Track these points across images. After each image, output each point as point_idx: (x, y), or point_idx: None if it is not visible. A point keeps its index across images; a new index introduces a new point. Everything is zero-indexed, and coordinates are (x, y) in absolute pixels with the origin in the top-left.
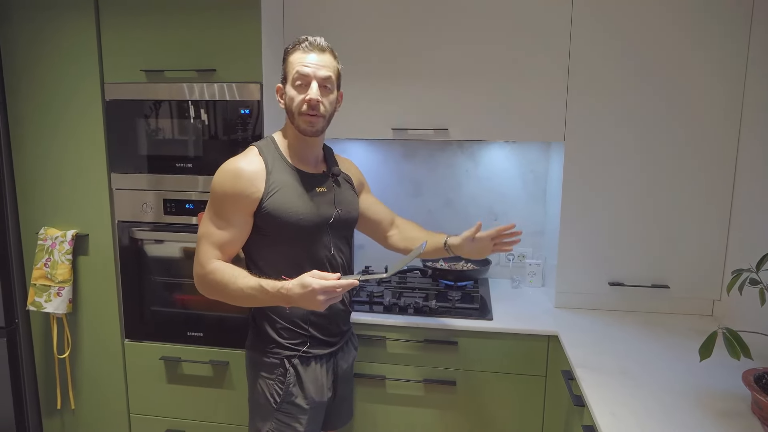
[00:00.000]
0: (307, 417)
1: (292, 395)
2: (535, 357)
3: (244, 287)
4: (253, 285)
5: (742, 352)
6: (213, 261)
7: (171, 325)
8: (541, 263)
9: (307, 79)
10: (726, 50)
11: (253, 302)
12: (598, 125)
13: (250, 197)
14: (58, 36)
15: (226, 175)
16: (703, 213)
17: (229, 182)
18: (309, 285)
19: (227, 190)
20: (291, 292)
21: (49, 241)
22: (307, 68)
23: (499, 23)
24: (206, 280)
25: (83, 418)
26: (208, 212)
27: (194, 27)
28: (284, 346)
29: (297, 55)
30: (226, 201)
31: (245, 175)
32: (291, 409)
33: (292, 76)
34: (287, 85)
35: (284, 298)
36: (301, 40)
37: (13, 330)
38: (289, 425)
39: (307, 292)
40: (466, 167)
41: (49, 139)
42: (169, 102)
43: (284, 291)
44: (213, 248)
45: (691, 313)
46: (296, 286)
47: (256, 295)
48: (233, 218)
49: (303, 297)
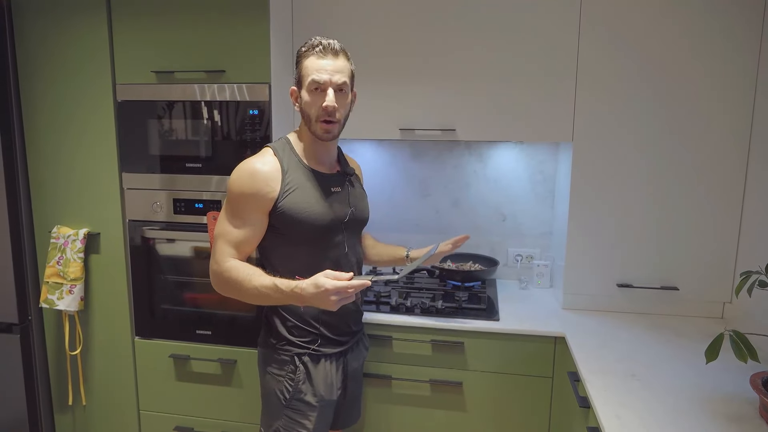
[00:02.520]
0: (317, 414)
1: (301, 392)
2: (542, 358)
3: (258, 286)
4: (267, 284)
5: (749, 354)
6: (229, 259)
7: (180, 324)
8: (549, 264)
9: (324, 86)
10: (737, 48)
11: (267, 301)
12: (607, 126)
13: (266, 197)
14: (71, 38)
15: (242, 175)
16: (713, 214)
17: (245, 182)
18: (322, 285)
19: (244, 189)
20: (304, 292)
21: (62, 239)
22: (323, 75)
23: (508, 24)
24: (222, 278)
25: (94, 414)
26: (224, 212)
27: (203, 28)
28: (295, 343)
29: (312, 60)
30: (242, 200)
31: (261, 175)
32: (300, 406)
33: (308, 82)
34: (302, 89)
35: (298, 298)
36: (315, 44)
37: (26, 327)
38: (299, 422)
39: (320, 292)
40: (474, 168)
41: (62, 139)
42: (179, 103)
43: (298, 290)
44: (229, 247)
45: (701, 316)
46: (310, 285)
47: (271, 293)
48: (249, 217)
49: (316, 297)
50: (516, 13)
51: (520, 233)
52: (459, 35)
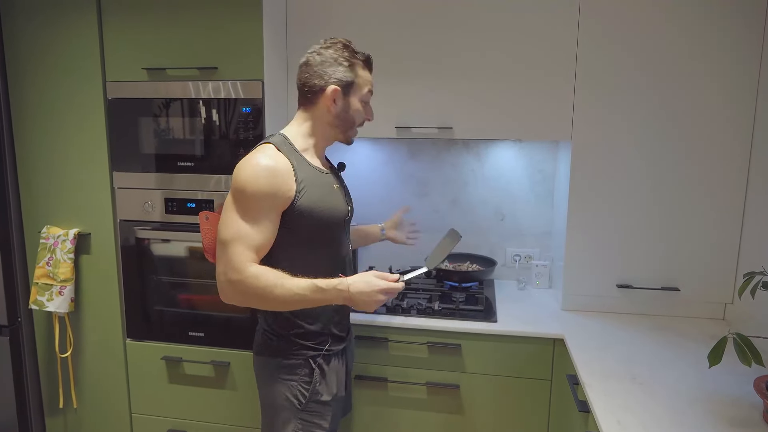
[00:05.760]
0: (331, 413)
1: (318, 394)
2: (541, 360)
3: (294, 288)
4: (304, 285)
5: (754, 358)
6: (251, 264)
7: (173, 325)
8: (548, 264)
9: (371, 97)
10: (737, 46)
11: (298, 304)
12: (607, 124)
13: (284, 195)
14: (60, 35)
15: (258, 173)
16: (715, 213)
17: (263, 180)
18: (375, 284)
19: (263, 188)
20: (352, 287)
21: (52, 239)
22: (373, 89)
23: (506, 21)
24: (244, 286)
25: (85, 418)
26: (233, 213)
27: (196, 25)
28: (308, 346)
29: (366, 73)
30: (262, 200)
31: (279, 172)
32: (317, 407)
33: (363, 93)
34: (352, 96)
35: (340, 294)
36: (367, 56)
37: (15, 329)
38: (316, 423)
39: (371, 290)
40: (472, 167)
41: (52, 137)
42: (171, 100)
43: (343, 287)
44: (249, 251)
45: (702, 317)
46: (359, 282)
47: (308, 295)
48: (268, 218)
49: (363, 294)
50: (514, 10)
51: (518, 233)
52: (456, 32)
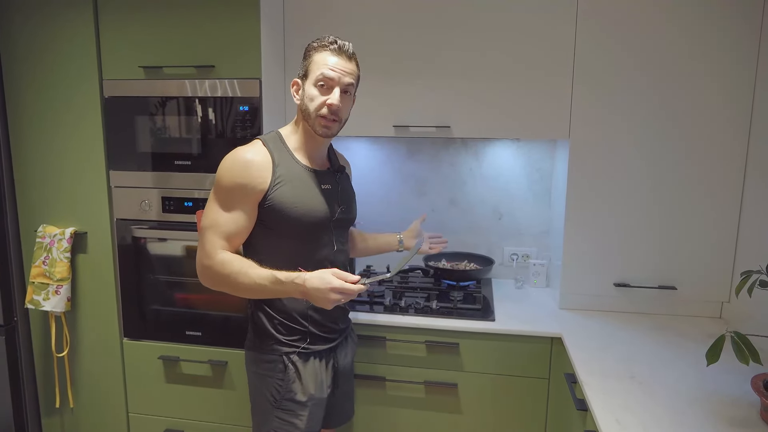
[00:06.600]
0: (307, 413)
1: (291, 392)
2: (538, 359)
3: (255, 277)
4: (265, 275)
5: (752, 357)
6: (221, 252)
7: (170, 324)
8: (545, 263)
9: (331, 83)
10: (735, 45)
11: (261, 294)
12: (604, 123)
13: (257, 187)
14: (57, 33)
15: (234, 165)
16: (712, 212)
17: (237, 172)
18: (329, 282)
19: (236, 179)
20: (307, 283)
21: (48, 238)
22: (334, 73)
23: (504, 20)
24: (212, 271)
25: (82, 417)
26: (212, 202)
27: (193, 23)
28: (283, 342)
29: (324, 55)
30: (233, 190)
31: (253, 164)
32: (291, 405)
33: (316, 76)
34: (307, 82)
35: (296, 288)
36: (330, 41)
37: (11, 328)
38: (289, 422)
39: (324, 288)
40: (470, 166)
41: (48, 136)
42: (168, 99)
43: (300, 281)
44: (220, 239)
45: (699, 316)
46: (315, 278)
47: (268, 285)
48: (241, 208)
49: (318, 290)
50: (512, 10)
51: (516, 232)
52: (454, 32)
